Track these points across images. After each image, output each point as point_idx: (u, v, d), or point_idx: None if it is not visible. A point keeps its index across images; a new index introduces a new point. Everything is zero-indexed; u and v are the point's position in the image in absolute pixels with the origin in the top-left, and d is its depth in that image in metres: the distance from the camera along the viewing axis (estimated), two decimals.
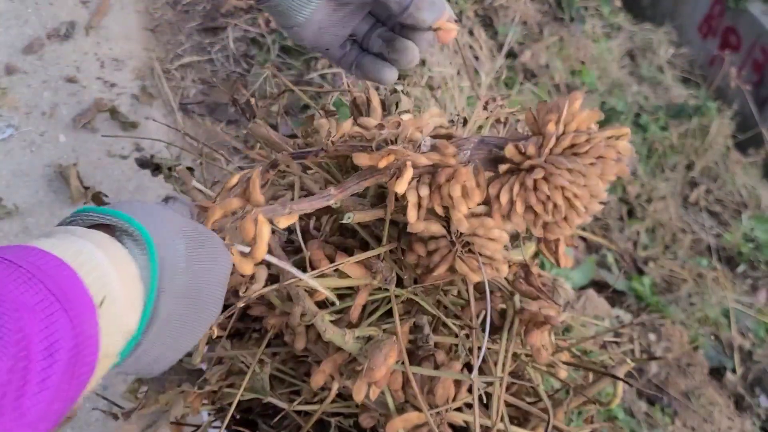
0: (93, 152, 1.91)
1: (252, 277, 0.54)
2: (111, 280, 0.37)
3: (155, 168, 0.94)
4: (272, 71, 0.77)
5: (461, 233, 0.58)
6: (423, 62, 2.16)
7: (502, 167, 0.55)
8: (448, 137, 0.60)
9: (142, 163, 0.97)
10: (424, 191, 0.56)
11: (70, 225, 0.41)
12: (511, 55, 2.69)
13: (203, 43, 2.34)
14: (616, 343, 0.88)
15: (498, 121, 0.76)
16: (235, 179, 0.55)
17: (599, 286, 2.03)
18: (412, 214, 0.56)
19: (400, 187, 0.54)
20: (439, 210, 0.57)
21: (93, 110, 1.99)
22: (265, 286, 0.58)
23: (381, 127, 0.56)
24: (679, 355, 1.86)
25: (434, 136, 0.59)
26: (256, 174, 0.53)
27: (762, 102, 3.19)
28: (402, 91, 0.70)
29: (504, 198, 0.55)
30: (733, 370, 1.97)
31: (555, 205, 0.54)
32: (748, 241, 2.49)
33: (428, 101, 1.84)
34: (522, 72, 2.64)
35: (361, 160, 0.54)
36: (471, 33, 2.55)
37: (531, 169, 0.54)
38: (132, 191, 1.84)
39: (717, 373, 1.96)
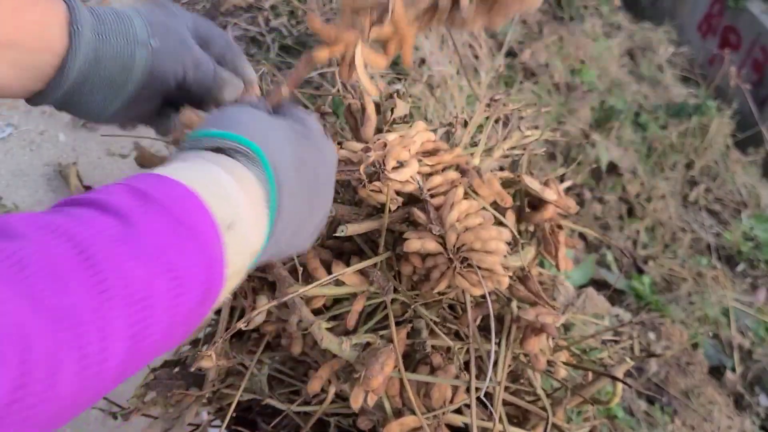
0: (93, 151, 1.91)
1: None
2: (239, 204, 0.41)
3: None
4: (270, 69, 0.76)
5: (458, 249, 0.58)
6: (423, 61, 2.15)
7: None
8: (435, 151, 0.61)
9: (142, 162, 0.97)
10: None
11: (194, 150, 0.44)
12: (511, 54, 2.69)
13: None
14: (615, 341, 0.88)
15: (497, 120, 0.75)
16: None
17: (599, 285, 2.03)
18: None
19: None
20: None
21: None
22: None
23: (367, 149, 0.56)
24: (679, 354, 1.86)
25: (421, 152, 0.60)
26: None
27: (762, 101, 3.19)
28: (399, 93, 0.69)
29: None
30: (733, 369, 1.97)
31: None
32: (748, 240, 2.48)
33: (428, 100, 1.83)
34: (522, 71, 2.64)
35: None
36: (471, 32, 2.55)
37: None
38: None
39: (717, 372, 1.96)
